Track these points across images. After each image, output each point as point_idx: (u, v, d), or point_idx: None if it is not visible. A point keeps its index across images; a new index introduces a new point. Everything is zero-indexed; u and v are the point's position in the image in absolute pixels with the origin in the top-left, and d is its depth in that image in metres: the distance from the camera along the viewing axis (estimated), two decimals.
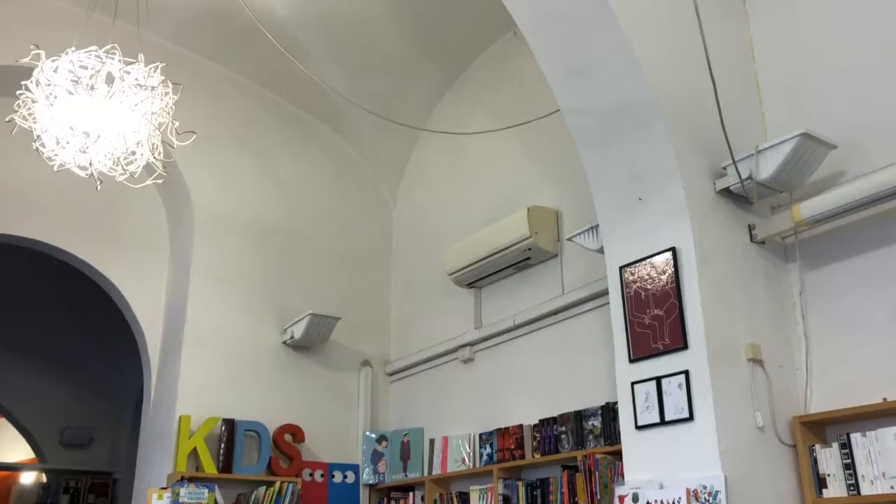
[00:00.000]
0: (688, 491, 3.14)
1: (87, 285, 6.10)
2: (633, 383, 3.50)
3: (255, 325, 5.70)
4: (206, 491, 4.50)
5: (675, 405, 3.30)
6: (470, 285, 5.48)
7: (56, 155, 3.87)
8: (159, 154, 4.05)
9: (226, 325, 5.56)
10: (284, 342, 5.76)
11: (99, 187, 4.01)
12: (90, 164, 3.87)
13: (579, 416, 4.34)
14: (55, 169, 3.89)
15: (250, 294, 5.75)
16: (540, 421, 4.59)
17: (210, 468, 5.05)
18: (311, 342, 5.75)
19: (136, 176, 4.05)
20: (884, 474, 2.96)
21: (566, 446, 4.37)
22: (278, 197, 6.11)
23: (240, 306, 5.67)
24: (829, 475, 3.15)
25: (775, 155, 3.35)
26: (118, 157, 3.93)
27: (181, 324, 5.46)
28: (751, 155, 3.41)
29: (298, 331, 5.62)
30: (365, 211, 6.53)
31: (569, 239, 4.45)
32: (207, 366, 5.40)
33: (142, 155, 3.99)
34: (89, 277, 5.85)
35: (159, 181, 4.21)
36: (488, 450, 4.91)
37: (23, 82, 3.78)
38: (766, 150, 3.38)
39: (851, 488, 3.06)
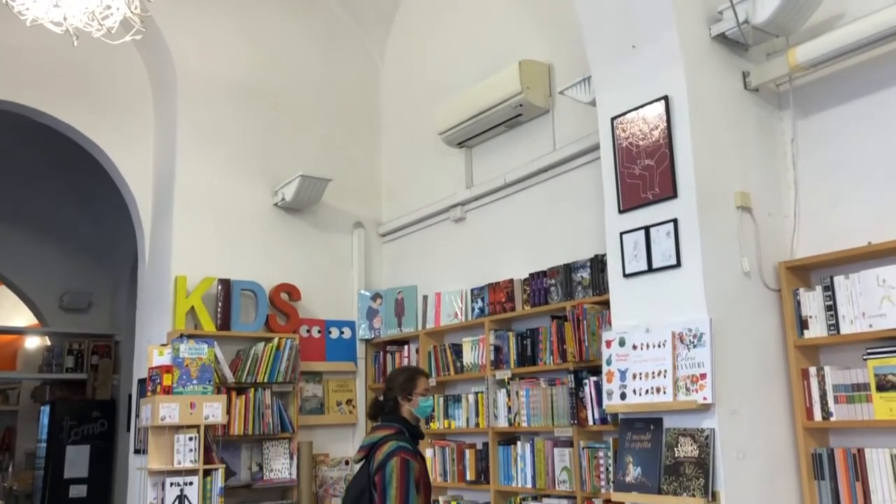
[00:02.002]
0: (673, 334, 3.24)
1: (77, 152, 6.05)
2: (621, 233, 3.54)
3: (246, 188, 5.68)
4: (205, 347, 4.62)
5: (662, 253, 3.35)
6: (461, 144, 5.44)
7: (27, 9, 3.73)
8: (136, 8, 3.90)
9: (216, 187, 5.55)
10: (276, 204, 5.77)
11: (76, 43, 3.88)
12: (64, 19, 3.74)
13: (568, 269, 4.41)
14: (28, 24, 3.76)
15: (239, 156, 5.70)
16: (530, 275, 4.67)
17: (209, 326, 5.17)
18: (303, 204, 5.76)
19: (113, 32, 3.92)
20: (863, 314, 3.04)
21: (555, 298, 4.47)
22: (262, 56, 5.95)
23: (229, 169, 5.64)
24: (811, 317, 3.25)
25: None
26: (93, 12, 3.80)
27: (171, 187, 5.45)
28: None
29: (289, 193, 5.61)
30: (352, 70, 6.37)
31: (561, 92, 4.37)
32: (200, 228, 5.43)
33: (118, 9, 3.86)
34: (78, 144, 5.78)
35: (138, 37, 4.09)
36: (480, 304, 5.02)
37: None
38: None
39: (832, 328, 3.15)
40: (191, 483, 4.33)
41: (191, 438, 4.39)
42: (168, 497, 4.28)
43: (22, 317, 9.37)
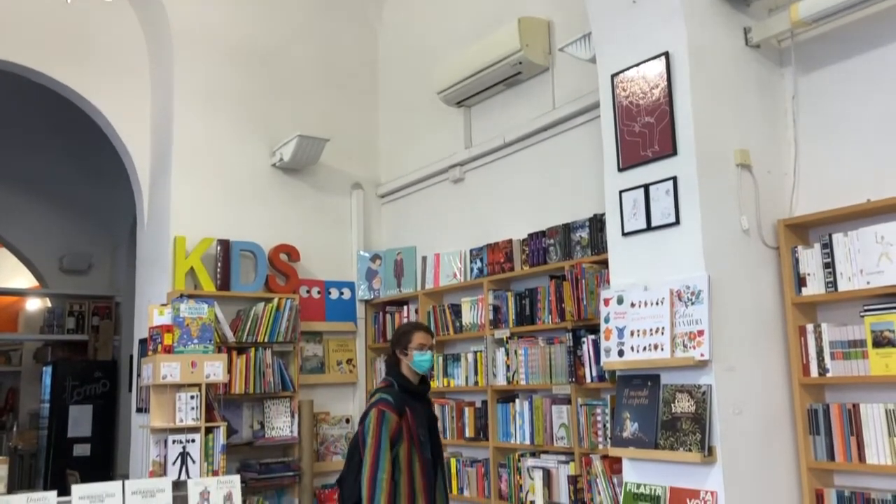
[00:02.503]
0: (671, 291, 3.25)
1: (75, 115, 6.02)
2: (621, 192, 3.54)
3: (244, 148, 5.66)
4: (205, 306, 4.64)
5: (661, 211, 3.34)
6: (459, 104, 5.40)
7: None
8: None
9: (213, 147, 5.53)
10: (274, 165, 5.75)
11: (69, 0, 3.83)
12: None
13: (567, 229, 4.41)
14: None
15: (236, 116, 5.67)
16: (529, 235, 4.67)
17: (208, 286, 5.19)
18: (301, 164, 5.74)
19: None
20: (861, 271, 3.05)
21: (554, 257, 4.47)
22: (260, 15, 5.88)
23: (226, 128, 5.61)
24: (808, 274, 3.26)
25: None
26: None
27: (169, 147, 5.42)
28: None
29: (287, 153, 5.59)
30: (350, 28, 6.30)
31: (560, 50, 4.33)
32: (198, 188, 5.42)
33: None
34: (76, 107, 5.75)
35: None
36: (479, 264, 5.03)
37: None
38: None
39: (829, 285, 3.17)
40: (193, 440, 4.38)
41: (192, 397, 4.43)
42: (171, 454, 4.33)
43: (22, 279, 9.39)
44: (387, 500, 3.41)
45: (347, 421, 5.67)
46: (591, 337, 4.07)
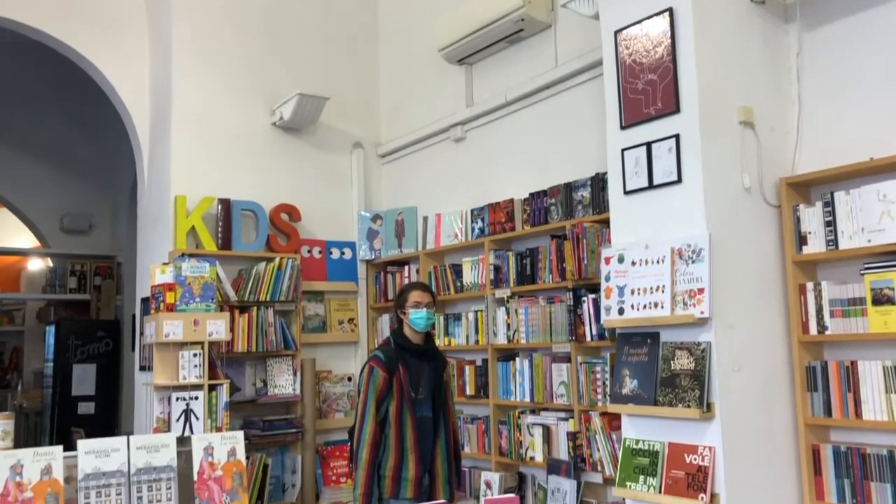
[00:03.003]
0: (672, 249, 3.26)
1: (74, 74, 5.97)
2: (623, 150, 3.52)
3: (244, 106, 5.62)
4: (207, 265, 4.65)
5: (663, 169, 3.33)
6: (461, 61, 5.35)
7: None
8: None
9: (213, 106, 5.49)
10: (274, 123, 5.71)
11: None
12: None
13: (569, 188, 4.40)
14: None
15: (236, 74, 5.62)
16: (530, 194, 4.66)
17: (209, 245, 5.20)
18: (301, 123, 5.71)
19: None
20: (862, 229, 3.05)
21: (555, 217, 4.47)
22: None
23: (226, 87, 5.56)
24: (810, 233, 3.26)
25: None
26: None
27: (168, 106, 5.38)
28: None
29: (287, 112, 5.55)
30: None
31: (563, 6, 4.27)
32: (198, 147, 5.39)
33: None
34: (75, 66, 5.70)
35: None
36: (480, 224, 5.03)
37: None
38: None
39: (830, 243, 3.17)
40: (196, 398, 4.42)
41: (195, 355, 4.46)
42: (174, 411, 4.37)
43: (23, 238, 9.40)
44: (369, 453, 3.59)
45: (349, 379, 5.72)
46: (592, 296, 4.09)
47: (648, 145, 3.40)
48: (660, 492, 3.18)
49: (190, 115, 5.38)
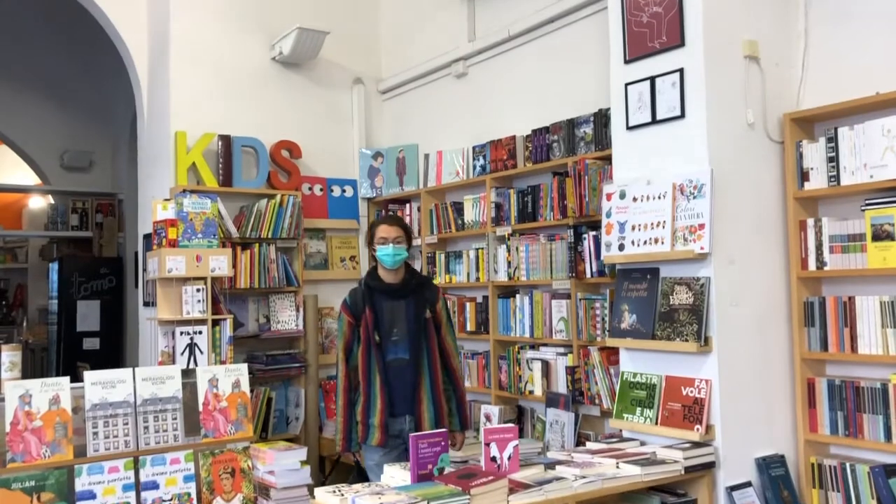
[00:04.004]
0: (674, 185, 3.25)
1: (71, 8, 5.86)
2: (626, 84, 3.49)
3: (243, 41, 5.54)
4: (208, 201, 4.65)
5: (667, 104, 3.31)
6: None
7: None
8: None
9: (212, 41, 5.42)
10: (273, 59, 5.65)
11: None
12: None
13: (571, 124, 4.37)
14: None
15: (235, 8, 5.53)
16: (532, 131, 4.63)
17: (210, 182, 5.19)
18: (301, 58, 5.63)
19: None
20: (865, 165, 3.04)
21: (557, 154, 4.45)
22: None
23: (225, 21, 5.48)
24: (812, 169, 3.25)
25: None
26: None
27: (166, 41, 5.31)
28: None
29: (287, 46, 5.48)
30: None
31: None
32: (198, 83, 5.34)
33: None
34: (73, 0, 5.59)
35: None
36: (481, 161, 5.01)
37: None
38: None
39: (832, 180, 3.16)
40: (200, 332, 4.48)
41: (198, 290, 4.50)
42: (179, 345, 4.43)
43: (23, 175, 9.36)
44: (343, 399, 3.63)
45: None
46: (592, 233, 4.10)
47: (652, 80, 3.36)
48: (656, 423, 3.25)
49: (189, 50, 5.31)
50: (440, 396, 3.66)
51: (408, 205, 5.66)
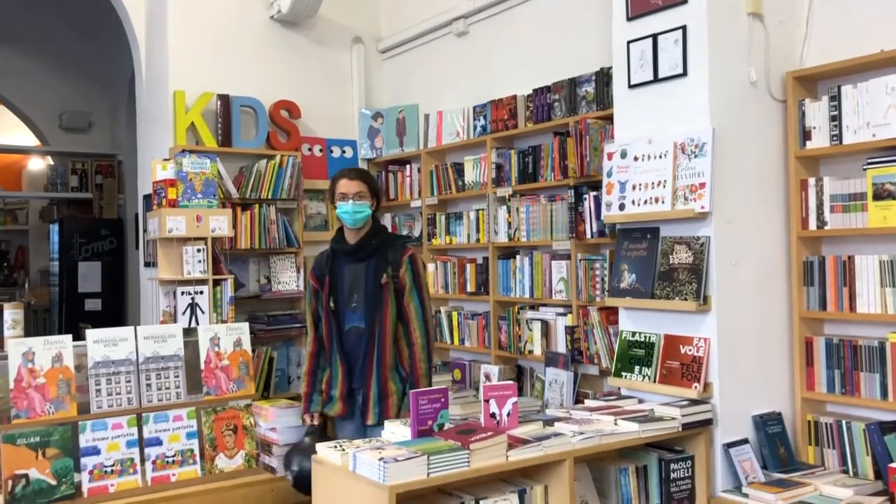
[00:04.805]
0: (675, 144, 3.24)
1: None
2: (628, 42, 3.45)
3: None
4: (208, 161, 4.63)
5: (669, 62, 3.28)
6: None
7: None
8: None
9: None
10: (272, 17, 5.58)
11: None
12: None
13: (573, 84, 4.34)
14: None
15: None
16: (533, 90, 4.60)
17: (210, 142, 5.16)
18: (299, 17, 5.57)
19: None
20: (868, 123, 3.02)
21: (558, 114, 4.42)
22: None
23: None
24: (814, 128, 3.23)
25: None
26: None
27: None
28: None
29: (285, 4, 5.42)
30: None
31: None
32: (196, 42, 5.29)
33: None
34: None
35: None
36: (482, 121, 4.99)
37: None
38: None
39: (834, 138, 3.15)
40: (201, 292, 4.49)
41: (199, 250, 4.51)
42: (180, 305, 4.45)
43: (22, 135, 9.31)
44: (307, 364, 3.50)
45: None
46: (593, 193, 4.09)
47: (654, 37, 3.33)
48: (654, 381, 3.27)
49: (186, 8, 5.25)
50: (385, 374, 3.32)
51: (408, 166, 5.65)
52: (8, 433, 3.02)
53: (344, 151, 5.89)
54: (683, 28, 3.21)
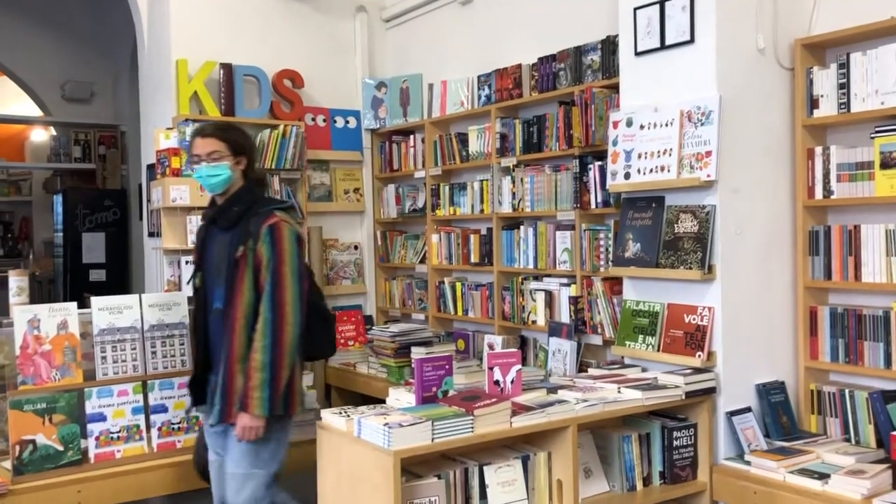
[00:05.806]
0: (681, 112, 3.21)
1: None
2: (635, 9, 3.41)
3: None
4: None
5: (676, 28, 3.24)
6: None
7: None
8: None
9: None
10: None
11: None
12: None
13: (578, 52, 4.30)
14: None
15: None
16: (538, 59, 4.55)
17: (213, 111, 5.13)
18: None
19: None
20: (876, 91, 2.99)
21: (564, 83, 4.39)
22: None
23: None
24: (822, 96, 3.20)
25: None
26: None
27: None
28: None
29: None
30: None
31: None
32: (198, 10, 5.24)
33: None
34: None
35: None
36: (486, 91, 4.95)
37: None
38: None
39: (842, 106, 3.12)
40: None
41: None
42: (185, 274, 4.45)
43: (24, 106, 9.27)
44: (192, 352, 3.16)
45: (356, 247, 5.79)
46: (598, 163, 4.06)
47: (661, 3, 3.29)
48: (658, 350, 3.28)
49: None
50: (233, 367, 2.75)
51: (412, 136, 5.62)
52: (15, 399, 3.05)
53: (347, 121, 5.86)
54: None
